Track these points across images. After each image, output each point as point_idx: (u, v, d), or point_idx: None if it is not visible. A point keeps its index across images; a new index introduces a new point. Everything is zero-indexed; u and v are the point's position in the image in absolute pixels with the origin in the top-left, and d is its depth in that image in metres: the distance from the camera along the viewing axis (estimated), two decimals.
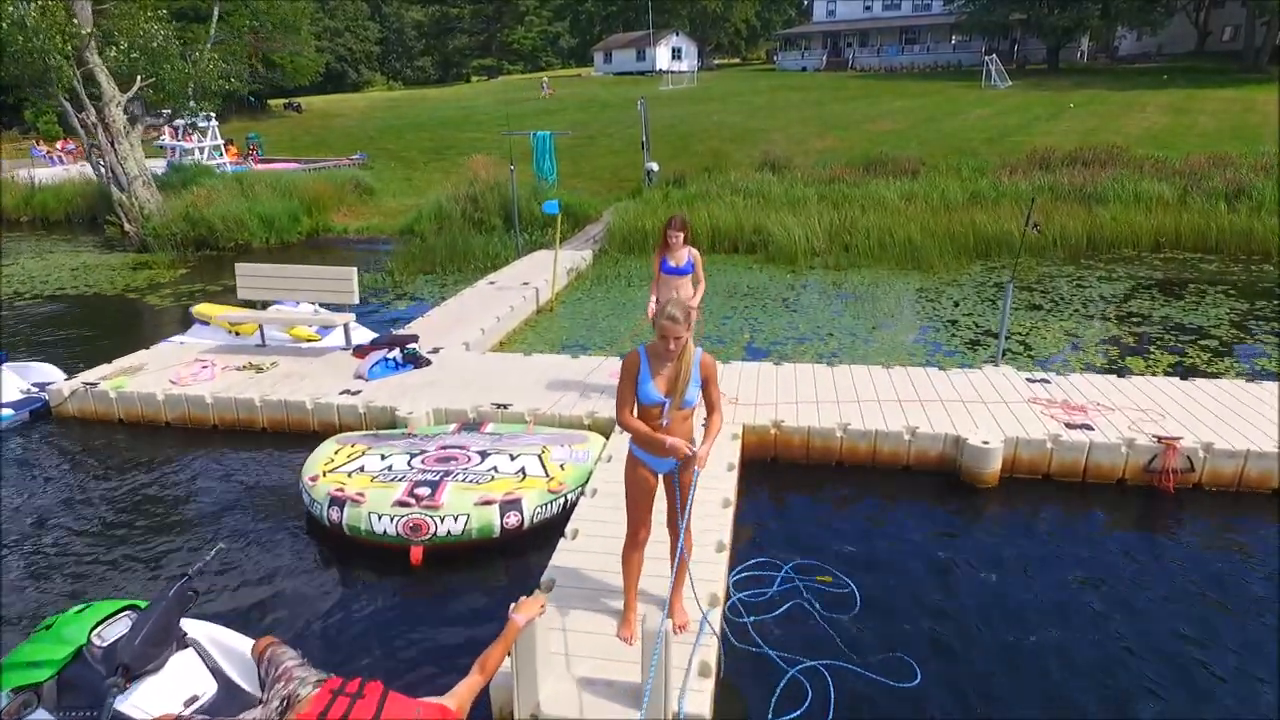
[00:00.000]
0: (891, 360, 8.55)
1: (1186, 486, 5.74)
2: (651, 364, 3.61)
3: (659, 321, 3.50)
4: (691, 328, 6.65)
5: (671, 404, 3.61)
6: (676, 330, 3.47)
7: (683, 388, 3.59)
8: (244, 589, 4.93)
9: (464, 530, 5.03)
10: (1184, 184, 15.44)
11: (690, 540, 3.88)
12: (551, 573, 4.46)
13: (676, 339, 3.49)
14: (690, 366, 3.62)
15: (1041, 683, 3.98)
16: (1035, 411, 6.36)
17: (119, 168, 16.13)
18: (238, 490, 6.16)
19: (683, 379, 3.59)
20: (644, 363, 3.61)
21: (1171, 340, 9.09)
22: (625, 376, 3.63)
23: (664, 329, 3.48)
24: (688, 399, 3.64)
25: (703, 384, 3.70)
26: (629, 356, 3.63)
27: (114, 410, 7.43)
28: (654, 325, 3.55)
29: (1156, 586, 4.74)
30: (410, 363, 7.80)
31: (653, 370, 3.60)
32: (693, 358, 3.64)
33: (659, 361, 3.60)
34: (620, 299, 11.55)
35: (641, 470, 3.79)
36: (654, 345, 3.61)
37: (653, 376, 3.60)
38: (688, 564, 3.95)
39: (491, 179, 17.26)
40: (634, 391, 3.63)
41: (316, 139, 34.53)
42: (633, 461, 3.81)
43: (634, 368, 3.61)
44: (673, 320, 3.46)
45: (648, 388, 3.59)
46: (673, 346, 3.51)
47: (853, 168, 18.98)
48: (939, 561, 5.03)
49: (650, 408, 3.64)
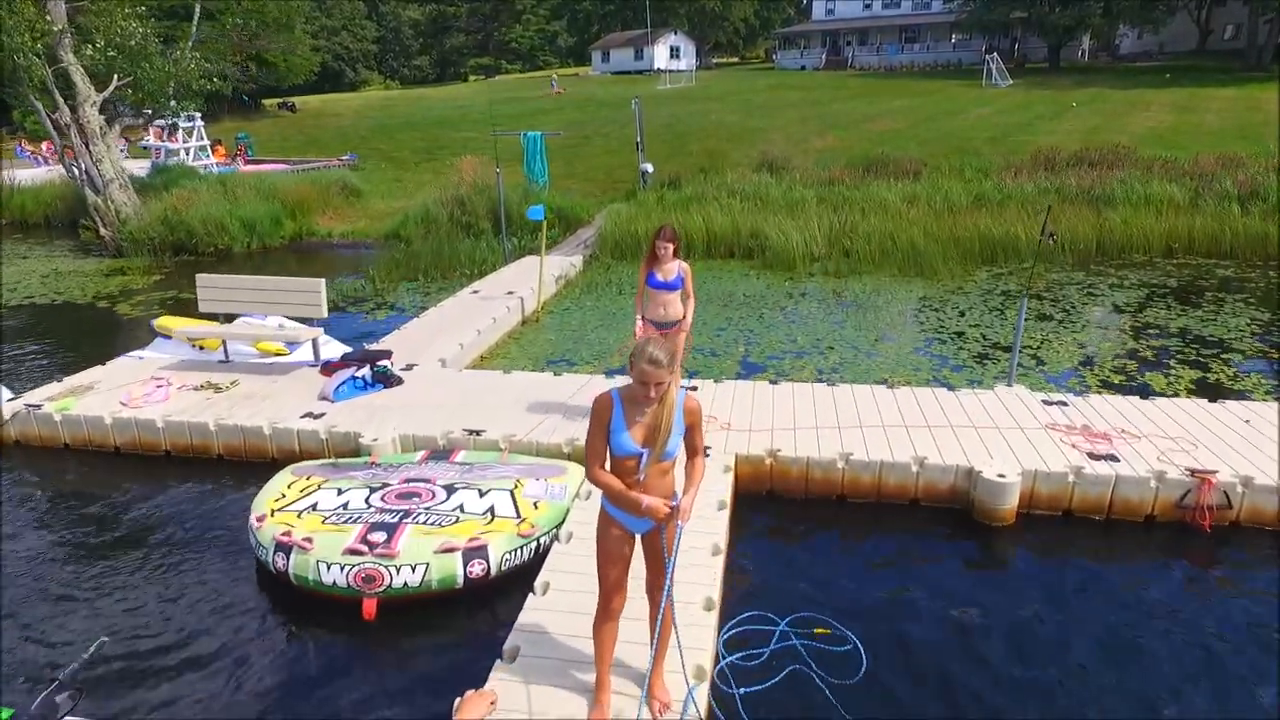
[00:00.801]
0: (896, 377, 8.03)
1: (1223, 524, 5.22)
2: (626, 410, 3.09)
3: (638, 365, 2.96)
4: (680, 361, 6.18)
5: (650, 456, 3.10)
6: (658, 376, 2.95)
7: (664, 438, 3.07)
8: (176, 643, 4.40)
9: (423, 581, 4.51)
10: (1194, 185, 14.93)
11: (670, 612, 3.36)
12: (516, 638, 3.93)
13: (658, 385, 2.98)
14: (673, 413, 3.09)
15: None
16: (1054, 439, 5.84)
17: (94, 170, 15.58)
18: (184, 528, 5.62)
19: (664, 428, 3.07)
20: (617, 408, 3.09)
21: (1192, 354, 8.57)
22: (595, 425, 3.10)
23: (644, 375, 2.95)
24: (668, 450, 3.12)
25: (686, 430, 3.19)
26: (600, 401, 3.10)
27: (59, 434, 6.90)
28: (630, 366, 3.04)
29: (1200, 642, 4.23)
30: (380, 382, 7.27)
31: (628, 418, 3.08)
32: (675, 402, 3.12)
33: (635, 407, 3.08)
34: (610, 308, 11.02)
35: (615, 530, 3.27)
36: (630, 390, 3.09)
37: (628, 425, 3.08)
38: (671, 632, 3.43)
39: (479, 181, 16.72)
40: (605, 441, 3.11)
41: (308, 139, 34.00)
42: (605, 520, 3.29)
43: (605, 414, 3.08)
44: (654, 364, 2.93)
45: (622, 438, 3.07)
46: (653, 394, 3.00)
47: (853, 168, 18.46)
48: (953, 613, 4.50)
49: (625, 460, 3.12)
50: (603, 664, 3.47)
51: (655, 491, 3.15)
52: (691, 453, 3.27)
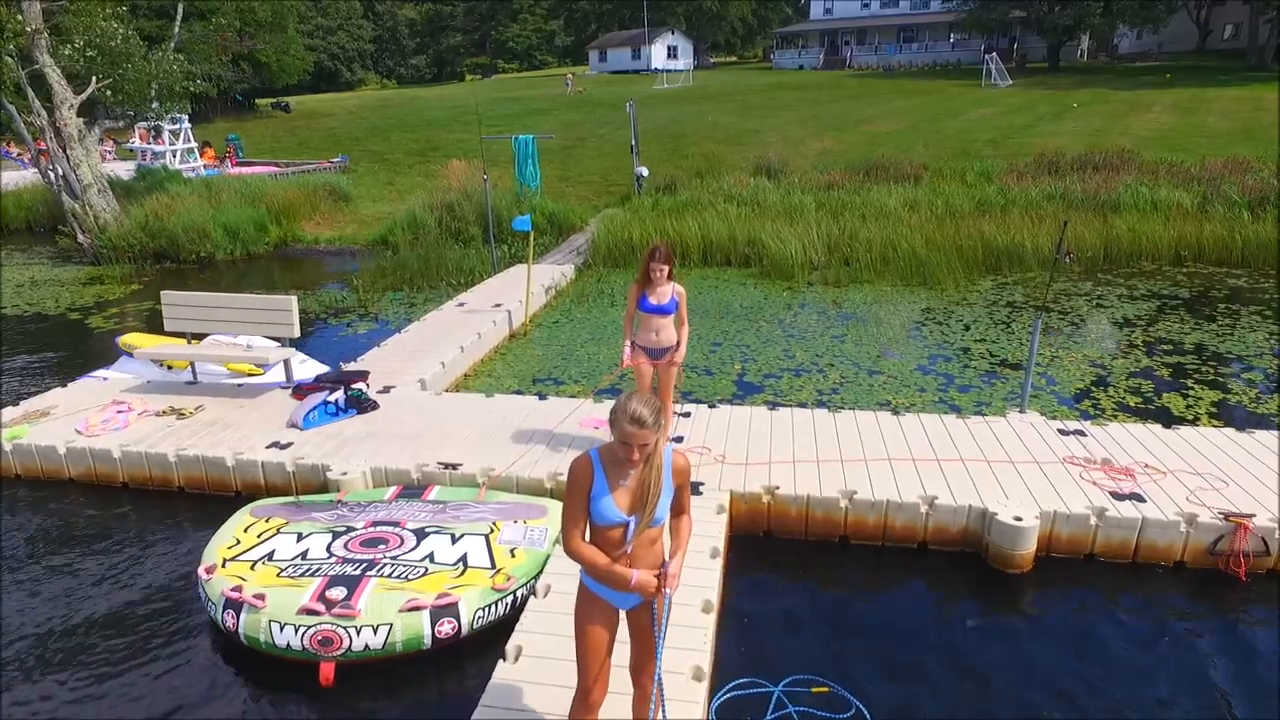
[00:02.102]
0: (899, 398, 7.63)
1: (1259, 571, 4.82)
2: (608, 474, 2.69)
3: (620, 425, 2.57)
4: (671, 396, 5.76)
5: (639, 524, 2.70)
6: (644, 437, 2.56)
7: (653, 503, 2.69)
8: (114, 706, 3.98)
9: (386, 643, 4.09)
10: (1202, 190, 14.56)
11: (658, 694, 2.96)
12: (483, 714, 3.51)
13: (643, 447, 2.58)
14: (660, 474, 2.71)
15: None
16: (1073, 475, 5.43)
17: (71, 175, 15.11)
18: (134, 571, 5.20)
19: (652, 492, 2.68)
20: (598, 473, 2.68)
21: (1210, 373, 8.17)
22: (573, 492, 2.70)
23: (627, 435, 2.56)
24: (658, 517, 2.73)
25: (675, 491, 2.79)
26: (578, 465, 2.70)
27: (10, 465, 6.47)
28: (610, 425, 2.63)
29: (1232, 701, 3.83)
30: (354, 407, 6.85)
31: (610, 482, 2.68)
32: (663, 462, 2.72)
33: (618, 470, 2.68)
34: (601, 320, 10.61)
35: (598, 607, 2.86)
36: (612, 450, 2.69)
37: (611, 490, 2.68)
38: (661, 711, 3.02)
39: (469, 186, 16.29)
40: (585, 511, 2.70)
41: (300, 140, 33.53)
42: (586, 596, 2.88)
43: (585, 480, 2.68)
44: (639, 424, 2.54)
45: (605, 506, 2.67)
46: (637, 456, 2.60)
47: (852, 172, 18.07)
48: (969, 670, 4.10)
49: (609, 530, 2.72)
50: None
51: (644, 564, 2.77)
52: (678, 512, 2.89)
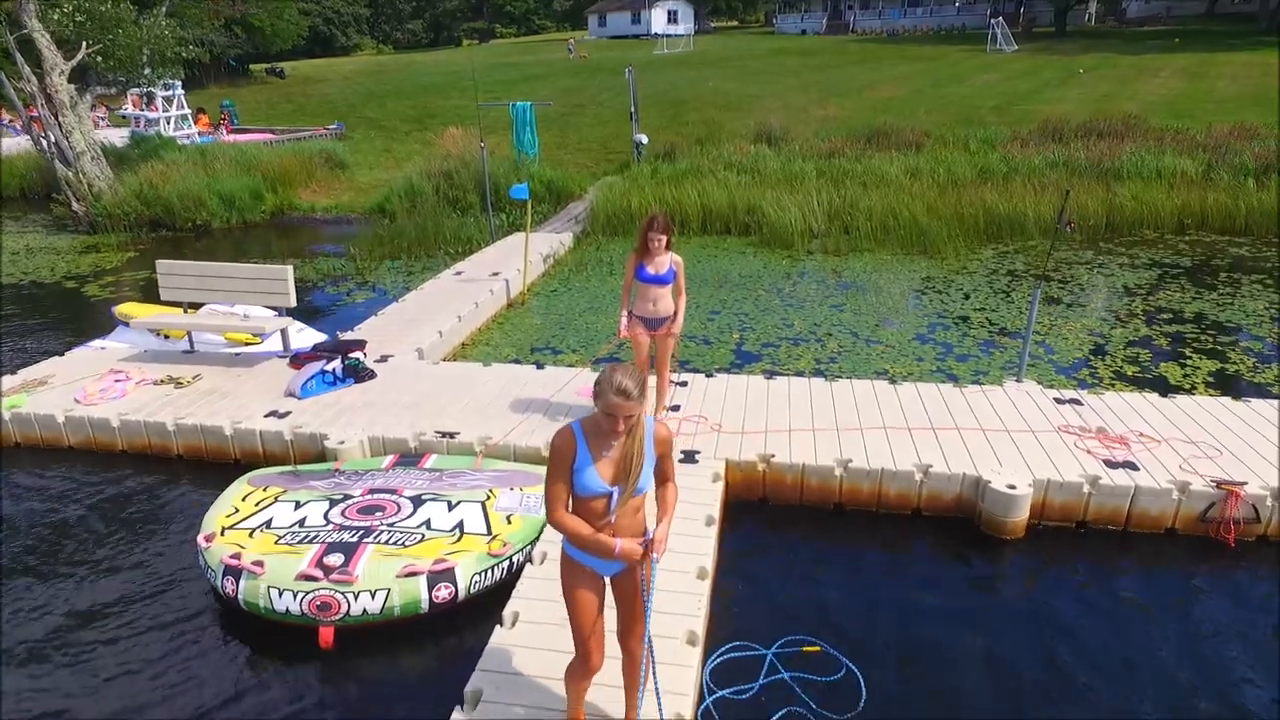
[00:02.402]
0: (897, 367, 7.63)
1: (1248, 538, 4.86)
2: (591, 445, 2.70)
3: (605, 397, 2.58)
4: (668, 366, 5.76)
5: (622, 494, 2.72)
6: (629, 409, 2.58)
7: (635, 473, 2.71)
8: (116, 668, 4.04)
9: (384, 608, 4.14)
10: (1208, 158, 14.40)
11: (648, 657, 3.01)
12: (479, 679, 3.57)
13: (628, 418, 2.60)
14: (643, 445, 2.72)
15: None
16: (1068, 444, 5.45)
17: (64, 142, 14.94)
18: (136, 536, 5.25)
19: (635, 462, 2.71)
20: (581, 445, 2.69)
21: (1209, 342, 8.15)
22: (556, 465, 2.71)
23: (612, 407, 2.58)
24: (640, 486, 2.75)
25: (656, 460, 2.80)
26: (560, 438, 2.71)
27: (10, 433, 6.49)
28: (595, 397, 2.63)
29: (1221, 663, 3.88)
30: (351, 376, 6.85)
31: (594, 453, 2.70)
32: (645, 432, 2.73)
33: (602, 442, 2.70)
34: (600, 289, 10.56)
35: (582, 575, 2.89)
36: (596, 421, 2.70)
37: (594, 461, 2.70)
38: (650, 677, 3.07)
39: (466, 154, 16.11)
40: (568, 483, 2.72)
41: (296, 107, 33.10)
42: (570, 567, 2.91)
43: (568, 453, 2.69)
44: (624, 396, 2.56)
45: (589, 477, 2.69)
46: (621, 427, 2.62)
47: (854, 139, 17.86)
48: (959, 634, 4.15)
49: (593, 500, 2.74)
50: (576, 707, 3.17)
51: (627, 532, 2.80)
52: (662, 480, 2.92)
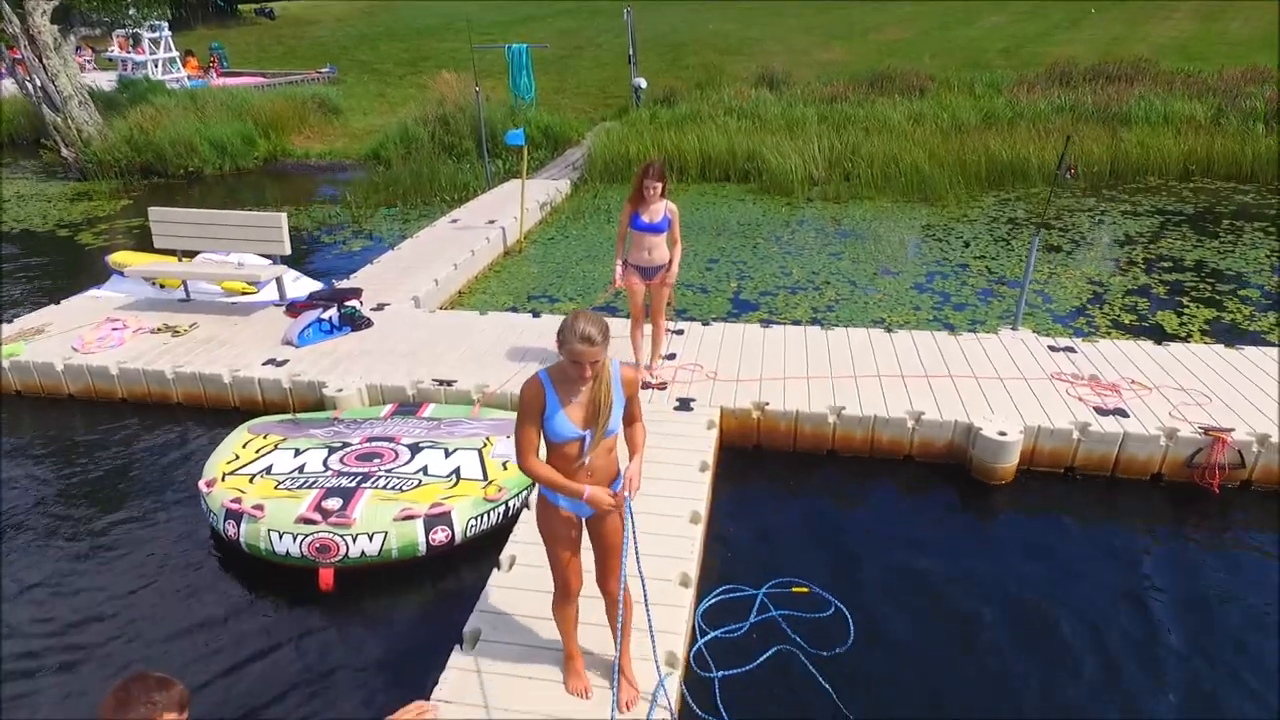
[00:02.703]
0: (894, 316, 7.63)
1: (1233, 484, 4.93)
2: (560, 392, 2.76)
3: (570, 344, 2.61)
4: (663, 317, 5.77)
5: (594, 437, 2.79)
6: (593, 354, 2.62)
7: (605, 416, 2.78)
8: (123, 607, 4.16)
9: (382, 550, 4.23)
10: (1218, 102, 14.12)
11: (628, 598, 3.10)
12: (477, 620, 3.67)
13: (594, 364, 2.65)
14: (610, 388, 2.79)
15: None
16: (1060, 391, 5.49)
17: (50, 85, 14.63)
18: (140, 482, 5.33)
19: (604, 406, 2.77)
20: (550, 392, 2.74)
21: (1208, 290, 8.13)
22: (526, 414, 2.76)
23: (577, 354, 2.61)
24: (610, 428, 2.82)
25: (626, 402, 2.88)
26: (529, 387, 2.75)
27: (10, 382, 6.53)
28: (559, 343, 2.66)
29: (1198, 605, 3.99)
30: (348, 324, 6.86)
31: (562, 399, 2.76)
32: (612, 376, 2.80)
33: (569, 388, 2.76)
34: (597, 237, 10.49)
35: (558, 517, 2.97)
36: (562, 368, 2.74)
37: (563, 407, 2.75)
38: (630, 619, 3.17)
39: (462, 98, 15.79)
40: (537, 431, 2.78)
41: (287, 49, 32.28)
42: (545, 505, 2.98)
43: (537, 403, 2.74)
44: (588, 342, 2.59)
45: (560, 423, 2.75)
46: (588, 373, 2.67)
47: (857, 83, 17.49)
48: (948, 578, 4.25)
49: (566, 446, 2.80)
50: (570, 639, 3.27)
51: (601, 473, 2.88)
52: (630, 421, 2.98)
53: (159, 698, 1.95)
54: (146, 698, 1.94)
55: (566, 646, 3.30)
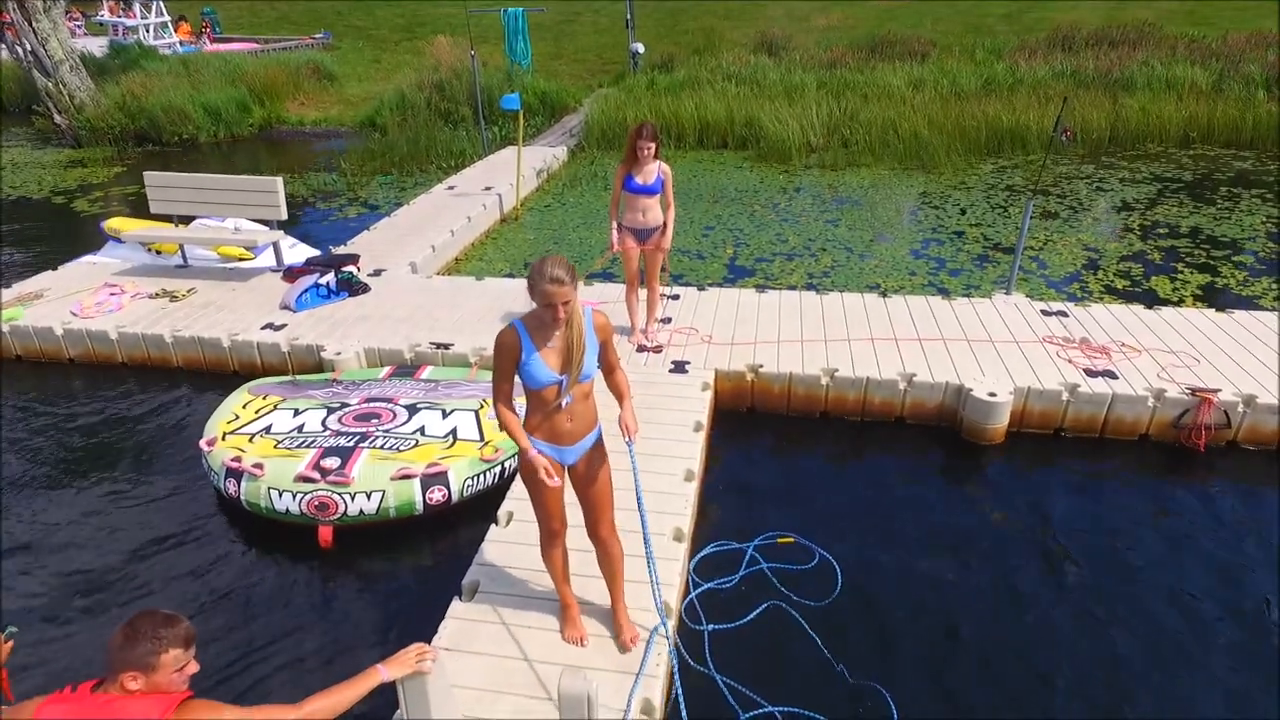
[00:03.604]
0: (889, 281, 7.66)
1: (1218, 444, 5.02)
2: (535, 338, 2.83)
3: (540, 286, 2.68)
4: (657, 281, 5.81)
5: (569, 381, 2.87)
6: (564, 294, 2.69)
7: (579, 359, 2.85)
8: (127, 563, 4.26)
9: (379, 508, 4.31)
10: (1220, 68, 13.99)
11: (617, 549, 3.20)
12: (476, 572, 3.76)
13: (565, 304, 2.71)
14: (583, 332, 2.86)
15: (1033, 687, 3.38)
16: (1050, 353, 5.55)
17: (40, 50, 14.46)
18: (141, 443, 5.41)
19: (577, 349, 2.84)
20: (525, 339, 2.81)
21: (1202, 256, 8.15)
22: (502, 362, 2.84)
23: (548, 295, 2.68)
24: (586, 372, 2.90)
25: (600, 348, 2.96)
26: (504, 337, 2.81)
27: (10, 346, 6.58)
28: (530, 289, 2.72)
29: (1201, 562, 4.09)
30: (345, 290, 6.89)
31: (537, 345, 2.83)
32: (584, 320, 2.87)
33: (543, 333, 2.83)
34: (594, 204, 10.47)
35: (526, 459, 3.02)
36: (536, 315, 2.81)
37: (538, 350, 2.83)
38: (622, 573, 3.29)
39: (458, 64, 15.63)
40: (510, 379, 2.87)
41: (279, 14, 31.77)
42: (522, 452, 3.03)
43: (513, 350, 2.81)
44: (557, 283, 2.67)
45: (536, 367, 2.82)
46: (561, 314, 2.73)
47: (857, 49, 17.30)
48: (935, 532, 4.34)
49: (544, 391, 2.88)
50: (563, 585, 3.35)
51: (581, 419, 2.97)
52: (610, 369, 3.09)
53: (165, 633, 2.04)
54: (153, 633, 2.02)
55: (561, 594, 3.38)
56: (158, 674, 2.01)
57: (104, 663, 2.03)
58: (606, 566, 3.25)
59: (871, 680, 3.43)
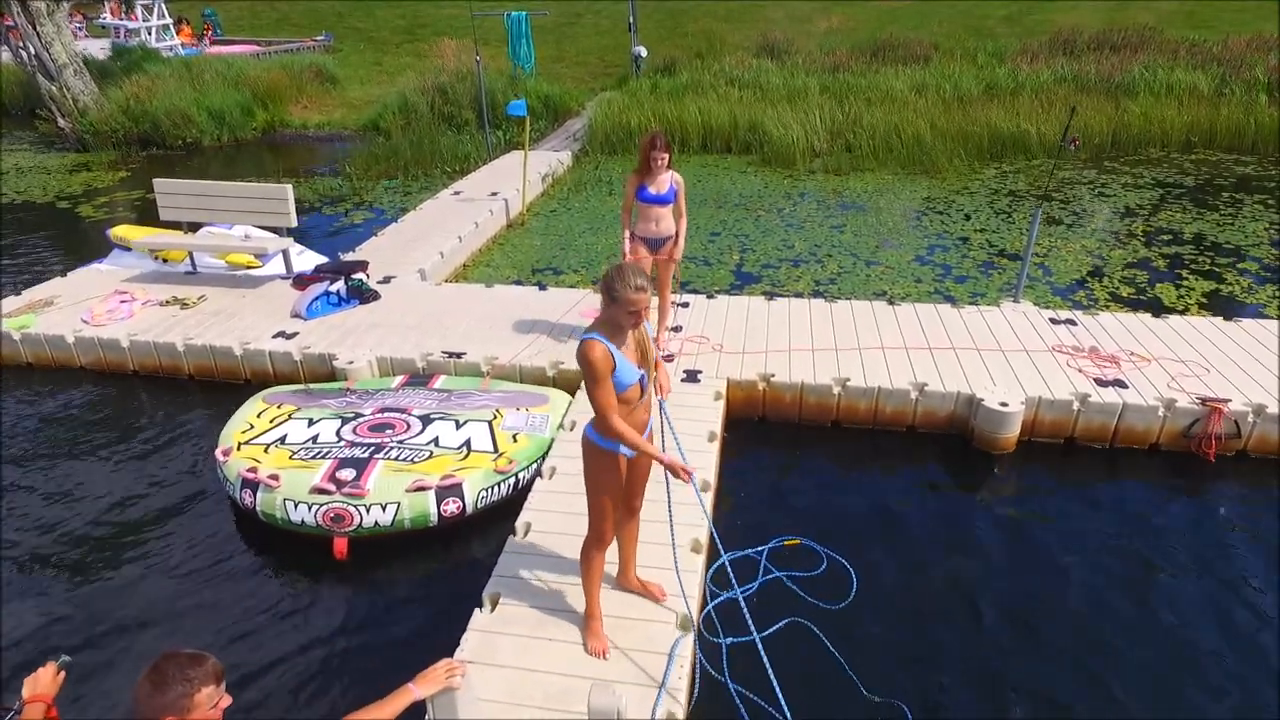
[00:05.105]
0: (896, 288, 7.69)
1: (1228, 453, 5.05)
2: (615, 342, 2.94)
3: (626, 295, 2.81)
4: (668, 290, 5.87)
5: (649, 373, 3.07)
6: (646, 300, 2.88)
7: (651, 354, 3.09)
8: (145, 574, 4.28)
9: (395, 520, 4.33)
10: (1221, 72, 14.04)
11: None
12: (495, 584, 3.79)
13: (646, 309, 2.90)
14: (646, 330, 3.09)
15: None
16: (1060, 363, 5.58)
17: (44, 54, 14.46)
18: (154, 453, 5.42)
19: (648, 345, 3.08)
20: (611, 348, 2.91)
21: (1206, 263, 8.19)
22: (602, 376, 2.88)
23: (635, 302, 2.83)
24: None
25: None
26: (596, 351, 2.86)
27: (20, 353, 6.59)
28: (613, 296, 2.84)
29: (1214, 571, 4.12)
30: (355, 297, 6.91)
31: (622, 350, 2.97)
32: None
33: (621, 337, 2.96)
34: (600, 209, 10.49)
35: (611, 460, 3.11)
36: (609, 320, 2.92)
37: (623, 353, 2.96)
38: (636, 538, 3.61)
39: (461, 67, 15.64)
40: (612, 389, 2.94)
41: (280, 16, 31.76)
42: (598, 453, 3.11)
43: (607, 361, 2.89)
44: (642, 290, 2.84)
45: (625, 371, 2.94)
46: (643, 317, 2.93)
47: (859, 53, 17.35)
48: (944, 536, 4.37)
49: (629, 390, 2.99)
50: (595, 591, 3.42)
51: (643, 412, 3.11)
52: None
53: (193, 673, 1.97)
54: (182, 675, 1.96)
55: (589, 603, 3.42)
56: (193, 715, 1.96)
57: (131, 710, 1.97)
58: (627, 531, 3.50)
59: (887, 686, 3.45)
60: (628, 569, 3.66)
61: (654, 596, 3.63)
